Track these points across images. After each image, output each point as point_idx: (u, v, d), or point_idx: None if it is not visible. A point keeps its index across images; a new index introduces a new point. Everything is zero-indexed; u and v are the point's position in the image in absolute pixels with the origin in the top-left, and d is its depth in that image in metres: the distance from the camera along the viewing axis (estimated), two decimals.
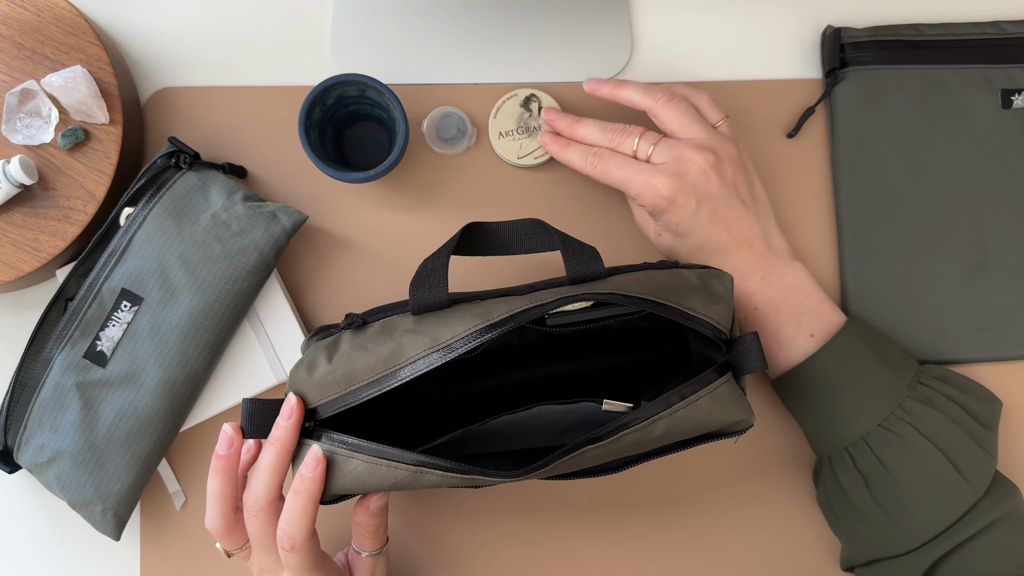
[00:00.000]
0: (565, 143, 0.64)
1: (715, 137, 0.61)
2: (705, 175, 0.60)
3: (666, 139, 0.61)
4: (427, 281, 0.52)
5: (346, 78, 0.60)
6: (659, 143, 0.61)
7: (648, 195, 0.60)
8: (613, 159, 0.61)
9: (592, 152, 0.62)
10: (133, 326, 0.60)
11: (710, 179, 0.60)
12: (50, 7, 0.62)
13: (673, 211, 0.60)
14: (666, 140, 0.61)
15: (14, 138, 0.61)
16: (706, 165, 0.60)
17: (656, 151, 0.61)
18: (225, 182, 0.62)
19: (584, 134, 0.64)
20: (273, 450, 0.50)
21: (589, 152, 0.62)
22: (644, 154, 0.61)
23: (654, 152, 0.61)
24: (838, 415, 0.60)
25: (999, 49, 0.68)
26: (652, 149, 0.61)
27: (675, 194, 0.59)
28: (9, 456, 0.61)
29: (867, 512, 0.60)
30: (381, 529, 0.55)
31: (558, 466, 0.50)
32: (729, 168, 0.61)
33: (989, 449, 0.60)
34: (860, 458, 0.60)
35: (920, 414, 0.59)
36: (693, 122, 0.62)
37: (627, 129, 0.62)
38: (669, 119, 0.62)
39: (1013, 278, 0.67)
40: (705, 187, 0.60)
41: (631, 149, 0.62)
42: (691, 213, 0.60)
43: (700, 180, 0.60)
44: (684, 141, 0.61)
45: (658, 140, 0.61)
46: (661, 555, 0.66)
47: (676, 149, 0.60)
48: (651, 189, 0.60)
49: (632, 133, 0.62)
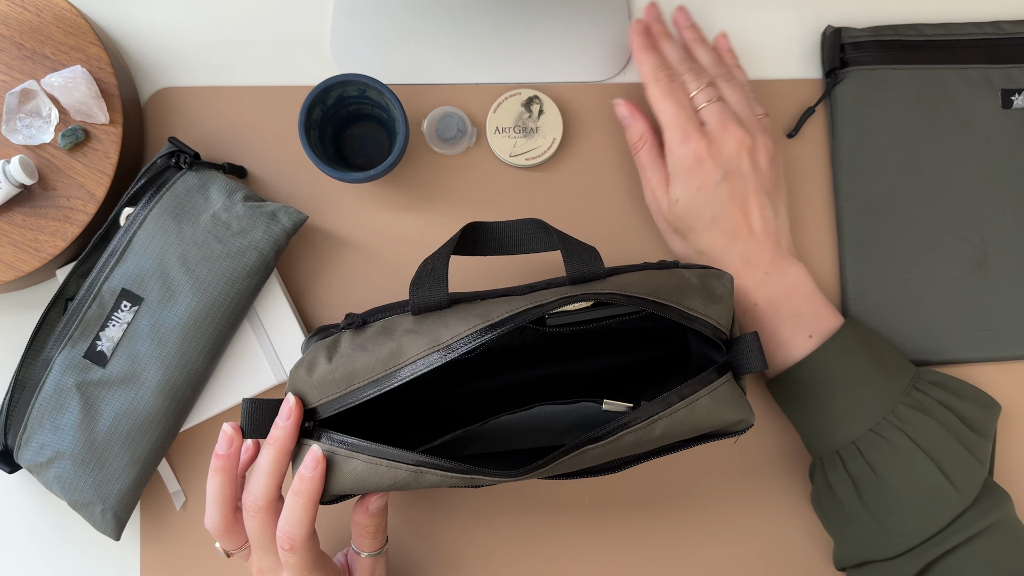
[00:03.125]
0: (649, 44, 0.65)
1: (760, 126, 0.63)
2: (739, 153, 0.61)
3: (722, 103, 0.62)
4: (427, 281, 0.52)
5: (346, 78, 0.60)
6: (715, 103, 0.62)
7: (680, 148, 0.61)
8: (675, 93, 0.62)
9: (665, 71, 0.63)
10: (133, 326, 0.60)
11: (743, 158, 0.61)
12: (50, 7, 0.62)
13: (698, 172, 0.61)
14: (722, 104, 0.62)
15: (14, 138, 0.61)
16: (744, 143, 0.61)
17: (708, 108, 0.62)
18: (225, 182, 0.62)
19: (667, 50, 0.65)
20: (272, 450, 0.50)
21: (662, 69, 0.63)
22: (698, 103, 0.62)
23: (706, 108, 0.62)
24: (830, 418, 0.60)
25: (999, 49, 0.68)
26: (706, 105, 0.62)
27: (706, 157, 0.61)
28: (9, 456, 0.61)
29: (856, 515, 0.60)
30: (381, 529, 0.55)
31: (558, 466, 0.50)
32: (764, 157, 0.62)
33: (981, 457, 0.59)
34: (850, 462, 0.60)
35: (912, 420, 0.59)
36: (747, 105, 0.63)
37: (701, 72, 0.63)
38: (729, 93, 0.63)
39: (1013, 278, 0.67)
40: (736, 163, 0.61)
41: (692, 91, 0.62)
42: (715, 182, 0.61)
43: (734, 155, 0.61)
44: (734, 114, 0.62)
45: (716, 100, 0.62)
46: (661, 554, 0.66)
47: (726, 116, 0.61)
48: (687, 140, 0.61)
49: (702, 78, 0.63)
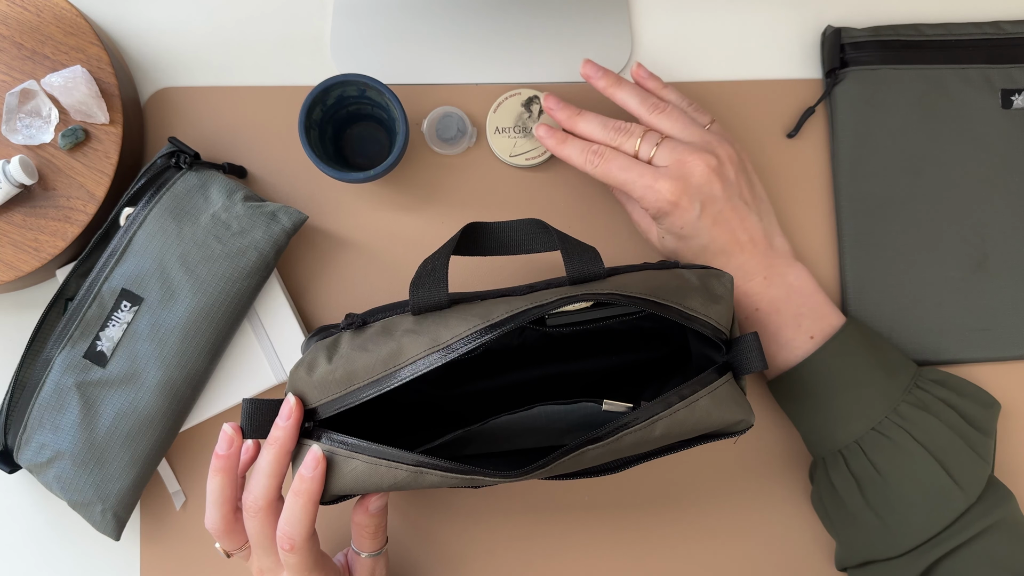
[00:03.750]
0: (563, 137, 0.63)
1: (713, 139, 0.61)
2: (708, 178, 0.59)
3: (668, 141, 0.61)
4: (427, 281, 0.52)
5: (346, 78, 0.60)
6: (661, 144, 0.60)
7: (652, 198, 0.60)
8: (615, 159, 0.61)
9: (592, 150, 0.61)
10: (133, 326, 0.60)
11: (712, 182, 0.60)
12: (50, 7, 0.62)
13: (677, 214, 0.60)
14: (668, 142, 0.61)
15: (14, 138, 0.61)
16: (708, 168, 0.59)
17: (658, 153, 0.60)
18: (225, 182, 0.62)
19: (585, 129, 0.63)
20: (272, 451, 0.50)
21: (589, 150, 0.61)
22: (646, 155, 0.61)
23: (656, 154, 0.60)
24: (833, 417, 0.60)
25: (999, 49, 0.68)
26: (655, 151, 0.60)
27: (679, 198, 0.59)
28: (9, 456, 0.61)
29: (858, 514, 0.60)
30: (381, 529, 0.55)
31: (558, 466, 0.50)
32: (731, 169, 0.61)
33: (984, 454, 0.59)
34: (853, 461, 0.60)
35: (914, 418, 0.59)
36: (689, 125, 0.61)
37: (630, 128, 0.62)
38: (666, 126, 0.62)
39: (1013, 278, 0.67)
40: (708, 190, 0.60)
41: (633, 149, 0.61)
42: (695, 216, 0.60)
43: (703, 183, 0.59)
44: (685, 144, 0.60)
45: (660, 142, 0.61)
46: (661, 555, 0.66)
47: (678, 152, 0.60)
48: (655, 193, 0.59)
49: (635, 133, 0.61)
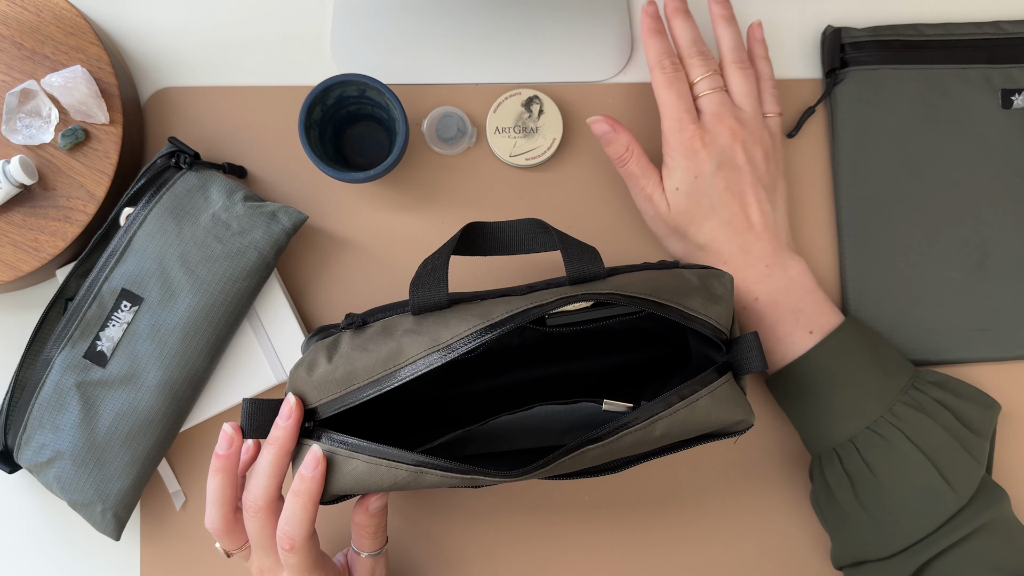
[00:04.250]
0: (659, 28, 0.64)
1: (760, 122, 0.63)
2: (732, 144, 0.61)
3: (722, 93, 0.62)
4: (427, 281, 0.52)
5: (346, 78, 0.60)
6: (715, 93, 0.62)
7: (677, 131, 0.61)
8: (678, 82, 0.62)
9: (670, 57, 0.63)
10: (133, 326, 0.60)
11: (736, 150, 0.61)
12: (50, 7, 0.62)
13: (693, 159, 0.61)
14: (722, 94, 0.62)
15: (14, 138, 0.61)
16: (737, 136, 0.61)
17: (708, 97, 0.62)
18: (225, 182, 0.62)
19: (677, 28, 0.64)
20: (272, 450, 0.50)
21: (667, 56, 0.63)
22: (700, 91, 0.62)
23: (706, 97, 0.62)
24: (829, 415, 0.60)
25: (999, 49, 0.68)
26: (707, 92, 0.62)
27: (699, 146, 0.61)
28: (9, 456, 0.61)
29: (852, 513, 0.60)
30: (380, 529, 0.55)
31: (558, 466, 0.50)
32: (759, 151, 0.62)
33: (978, 456, 0.59)
34: (847, 459, 0.60)
35: (909, 419, 0.59)
36: (751, 98, 0.63)
37: (707, 59, 0.63)
38: (734, 82, 0.63)
39: (1013, 278, 0.67)
40: (730, 154, 0.61)
41: (694, 78, 0.63)
42: (710, 170, 0.61)
43: (727, 146, 0.61)
44: (733, 107, 0.62)
45: (718, 89, 0.62)
46: (660, 554, 0.66)
47: (723, 107, 0.62)
48: (682, 128, 0.61)
49: (707, 67, 0.63)
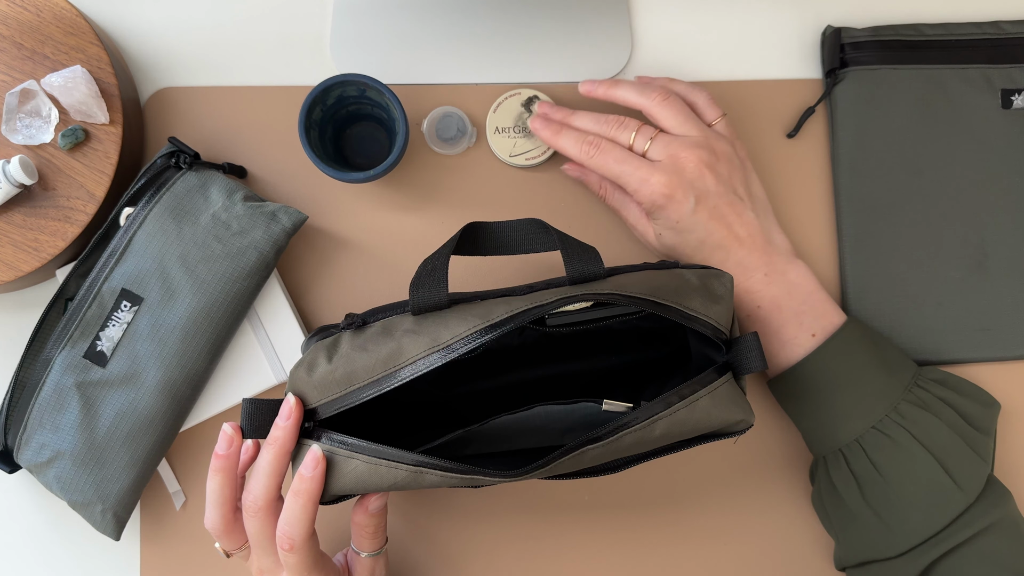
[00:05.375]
0: (558, 128, 0.64)
1: (710, 135, 0.62)
2: (700, 172, 0.60)
3: (662, 135, 0.61)
4: (427, 281, 0.52)
5: (346, 78, 0.60)
6: (655, 139, 0.61)
7: (646, 191, 0.60)
8: (611, 151, 0.61)
9: (588, 141, 0.62)
10: (133, 326, 0.60)
11: (705, 176, 0.60)
12: (50, 7, 0.62)
13: (671, 207, 0.60)
14: (662, 136, 0.61)
15: (14, 138, 0.61)
16: (701, 162, 0.60)
17: (652, 147, 0.61)
18: (225, 182, 0.62)
19: (579, 124, 0.64)
20: (272, 451, 0.50)
21: (585, 141, 0.62)
22: (640, 149, 0.61)
23: (650, 148, 0.61)
24: (834, 415, 0.60)
25: (999, 49, 0.68)
26: (648, 145, 0.61)
27: (672, 191, 0.60)
28: (9, 456, 0.61)
29: (858, 513, 0.60)
30: (380, 529, 0.55)
31: (558, 466, 0.50)
32: (724, 166, 0.61)
33: (983, 454, 0.59)
34: (853, 459, 0.60)
35: (915, 417, 0.59)
36: (687, 120, 0.62)
37: (623, 122, 0.62)
38: (664, 117, 0.62)
39: (1013, 278, 0.67)
40: (701, 184, 0.60)
41: (628, 142, 0.62)
42: (689, 210, 0.60)
43: (696, 177, 0.60)
44: (680, 138, 0.61)
45: (655, 136, 0.61)
46: (660, 554, 0.66)
47: (672, 146, 0.60)
48: (649, 186, 0.60)
49: (629, 127, 0.62)
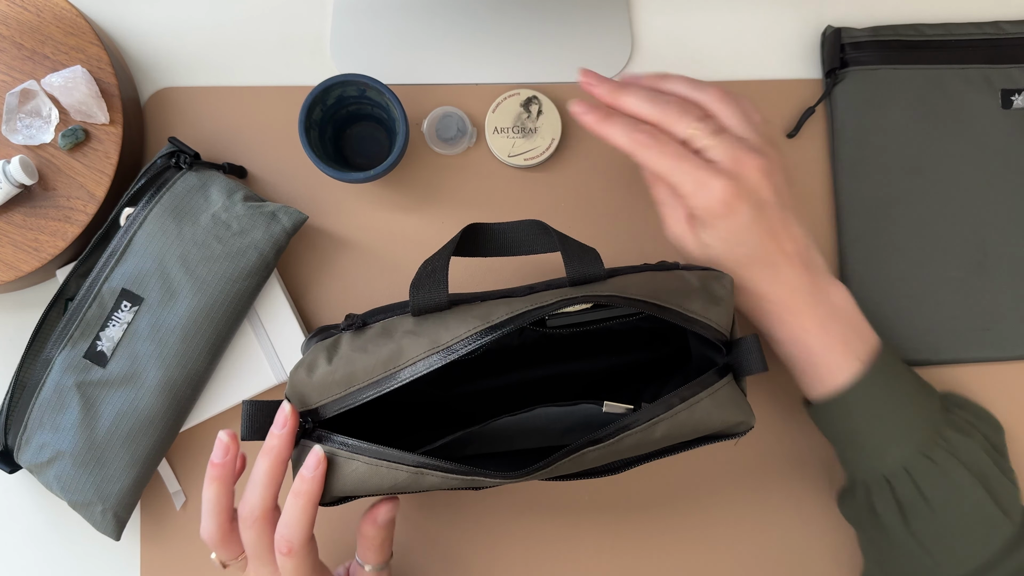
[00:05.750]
0: (606, 114, 0.55)
1: (770, 143, 0.56)
2: (760, 182, 0.54)
3: (725, 133, 0.54)
4: (427, 282, 0.52)
5: (346, 78, 0.60)
6: (718, 136, 0.54)
7: (703, 197, 0.53)
8: (667, 145, 0.53)
9: (642, 130, 0.54)
10: (133, 326, 0.60)
11: (765, 187, 0.54)
12: (50, 7, 0.62)
13: (729, 218, 0.54)
14: (725, 135, 0.54)
15: (14, 138, 0.61)
16: (762, 170, 0.54)
17: (716, 146, 0.54)
18: (225, 182, 0.62)
19: (632, 105, 0.55)
20: (268, 459, 0.50)
21: (637, 129, 0.54)
22: (699, 144, 0.54)
23: (712, 146, 0.54)
24: (882, 440, 0.56)
25: (999, 49, 0.68)
26: (711, 142, 0.54)
27: (733, 200, 0.53)
28: (9, 456, 0.61)
29: (900, 543, 0.57)
30: (387, 542, 0.54)
31: (559, 467, 0.50)
32: (780, 175, 0.56)
33: (1012, 478, 0.57)
34: (900, 487, 0.56)
35: (957, 442, 0.56)
36: (747, 122, 0.56)
37: (685, 107, 0.54)
38: (728, 117, 0.55)
39: (1013, 278, 0.67)
40: (761, 195, 0.54)
41: (685, 133, 0.54)
42: (747, 222, 0.54)
43: (757, 186, 0.54)
44: (742, 140, 0.54)
45: (718, 132, 0.54)
46: (661, 555, 0.66)
47: (735, 148, 0.54)
48: (706, 191, 0.53)
49: (690, 113, 0.54)
